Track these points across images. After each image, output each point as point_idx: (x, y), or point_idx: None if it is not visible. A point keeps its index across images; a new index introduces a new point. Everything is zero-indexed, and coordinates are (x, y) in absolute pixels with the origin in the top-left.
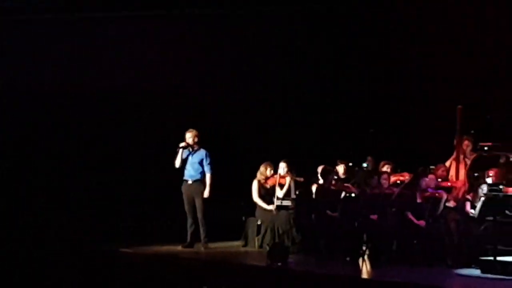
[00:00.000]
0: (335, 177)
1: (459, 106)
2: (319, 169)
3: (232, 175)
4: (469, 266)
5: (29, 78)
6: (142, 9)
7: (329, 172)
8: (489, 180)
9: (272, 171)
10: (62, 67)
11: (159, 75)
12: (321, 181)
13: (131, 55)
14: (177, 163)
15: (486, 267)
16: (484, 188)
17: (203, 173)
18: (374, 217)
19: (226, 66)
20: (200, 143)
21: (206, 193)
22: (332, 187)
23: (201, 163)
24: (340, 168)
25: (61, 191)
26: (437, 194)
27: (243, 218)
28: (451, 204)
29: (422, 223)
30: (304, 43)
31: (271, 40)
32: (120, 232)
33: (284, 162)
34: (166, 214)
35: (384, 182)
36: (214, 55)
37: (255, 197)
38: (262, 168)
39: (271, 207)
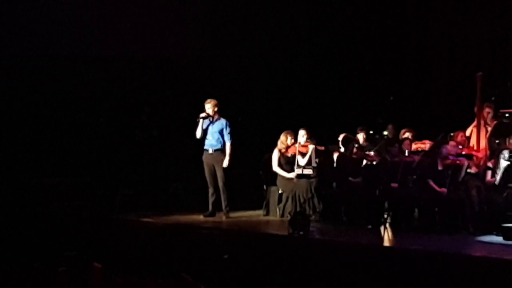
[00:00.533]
0: (356, 145)
1: (479, 73)
2: (340, 137)
3: (251, 144)
4: (490, 233)
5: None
6: None
7: (350, 141)
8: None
9: (292, 140)
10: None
11: (174, 43)
12: (342, 149)
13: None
14: (198, 134)
15: (508, 234)
16: (505, 154)
17: (223, 143)
18: (395, 185)
19: (243, 33)
20: (220, 112)
21: (226, 163)
22: (353, 156)
23: (221, 132)
24: (360, 136)
25: (78, 159)
26: (458, 162)
27: (265, 187)
28: (472, 170)
29: (443, 190)
30: (325, 12)
31: (289, 7)
32: (142, 202)
33: (304, 129)
34: (188, 184)
35: (407, 148)
36: (231, 23)
37: (275, 166)
38: (282, 137)
39: (291, 175)
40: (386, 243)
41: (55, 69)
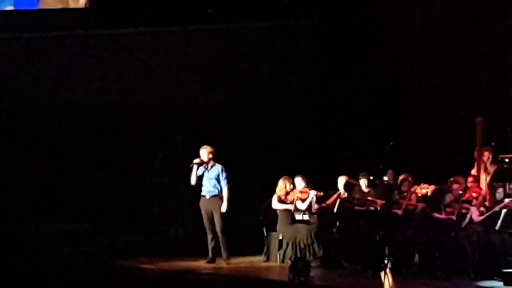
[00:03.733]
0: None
1: (479, 118)
2: (340, 180)
3: (251, 190)
4: (491, 279)
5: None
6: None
7: (352, 186)
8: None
9: (291, 186)
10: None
11: (167, 90)
12: (341, 191)
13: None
14: (193, 180)
15: (508, 279)
16: (500, 192)
17: (220, 188)
18: (396, 230)
19: (236, 79)
20: (215, 159)
21: (224, 207)
22: (356, 201)
23: (217, 178)
24: (363, 182)
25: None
26: (463, 210)
27: (265, 233)
28: (474, 218)
29: (452, 217)
30: (319, 55)
31: (282, 52)
32: (142, 247)
33: (299, 176)
34: (188, 229)
35: (405, 190)
36: (221, 69)
37: (275, 204)
38: (281, 183)
39: (290, 206)
40: None
41: (65, 113)
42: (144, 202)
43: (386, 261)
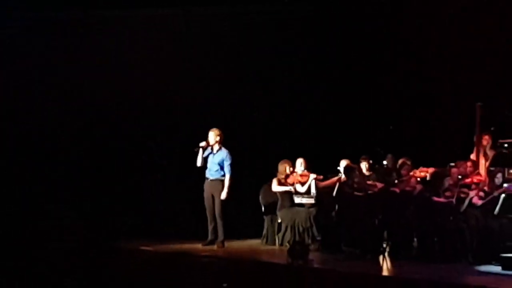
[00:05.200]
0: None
1: (479, 103)
2: (341, 164)
3: (250, 173)
4: (489, 263)
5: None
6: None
7: (353, 169)
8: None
9: (291, 169)
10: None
11: (169, 75)
12: (341, 175)
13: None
14: (198, 162)
15: (506, 264)
16: (499, 177)
17: (223, 173)
18: (394, 214)
19: (239, 64)
20: (223, 142)
21: (224, 195)
22: (356, 185)
23: (221, 163)
24: (363, 166)
25: (80, 188)
26: (462, 194)
27: (264, 216)
28: (475, 202)
29: (451, 200)
30: (323, 39)
31: (286, 35)
32: (141, 230)
33: (301, 158)
34: (189, 211)
35: (405, 174)
36: (225, 54)
37: (275, 186)
38: (280, 167)
39: (290, 188)
40: (385, 272)
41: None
42: (143, 185)
43: (384, 245)
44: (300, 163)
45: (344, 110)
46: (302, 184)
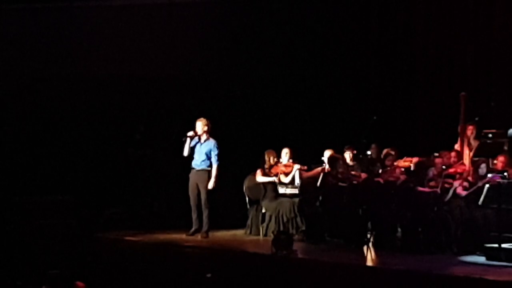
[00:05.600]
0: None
1: (463, 93)
2: (325, 154)
3: (235, 163)
4: (474, 253)
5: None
6: None
7: (336, 160)
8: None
9: (275, 159)
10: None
11: (159, 63)
12: (325, 166)
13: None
14: (185, 152)
15: (490, 254)
16: (483, 167)
17: (209, 164)
18: (378, 204)
19: (226, 52)
20: (210, 132)
21: (210, 184)
22: (339, 175)
23: (209, 153)
24: (347, 155)
25: (63, 177)
26: (446, 185)
27: (248, 206)
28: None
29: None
30: (308, 29)
31: (273, 25)
32: (125, 220)
33: (287, 148)
34: (173, 201)
35: (389, 164)
36: (213, 43)
37: (259, 177)
38: (265, 157)
39: (274, 178)
40: (369, 262)
41: (47, 86)
42: (127, 175)
43: (368, 235)
44: (285, 153)
45: (328, 100)
46: (286, 174)
